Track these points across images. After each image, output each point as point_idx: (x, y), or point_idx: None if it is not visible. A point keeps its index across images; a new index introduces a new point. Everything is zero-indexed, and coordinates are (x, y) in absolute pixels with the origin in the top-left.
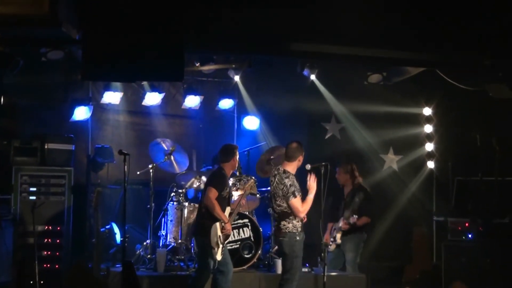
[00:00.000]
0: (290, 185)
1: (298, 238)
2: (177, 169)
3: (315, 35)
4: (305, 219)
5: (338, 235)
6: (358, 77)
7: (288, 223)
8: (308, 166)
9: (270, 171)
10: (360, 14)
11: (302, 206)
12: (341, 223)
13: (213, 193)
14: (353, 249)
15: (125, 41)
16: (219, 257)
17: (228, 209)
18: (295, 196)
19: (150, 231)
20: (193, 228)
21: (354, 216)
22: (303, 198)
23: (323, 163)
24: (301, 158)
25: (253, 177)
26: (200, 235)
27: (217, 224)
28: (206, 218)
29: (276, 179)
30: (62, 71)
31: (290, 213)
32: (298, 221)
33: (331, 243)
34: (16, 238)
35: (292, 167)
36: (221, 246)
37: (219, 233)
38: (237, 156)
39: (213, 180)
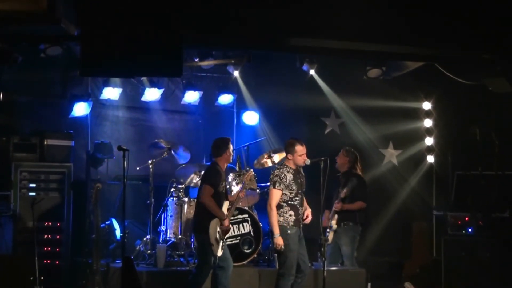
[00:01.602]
0: (276, 175)
1: (289, 232)
2: (179, 161)
3: (314, 30)
4: (308, 219)
5: (334, 221)
6: (357, 71)
7: (280, 216)
8: (308, 161)
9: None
10: (359, 9)
11: (273, 202)
12: (333, 208)
13: (208, 191)
14: (348, 242)
15: (123, 36)
16: (219, 253)
17: (226, 203)
18: (274, 187)
19: (150, 226)
20: (192, 225)
21: (344, 190)
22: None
23: (323, 158)
24: (290, 156)
25: (252, 169)
26: (199, 232)
27: (216, 220)
28: (204, 215)
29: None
30: (61, 67)
31: (283, 205)
32: (291, 215)
33: (328, 231)
34: (16, 235)
35: (289, 162)
36: (221, 242)
37: (218, 229)
38: (231, 149)
39: (207, 177)
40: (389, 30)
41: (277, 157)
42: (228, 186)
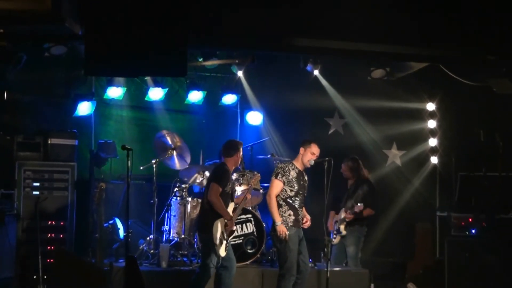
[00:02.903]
0: (280, 167)
1: (289, 232)
2: (178, 165)
3: (318, 31)
4: (306, 224)
5: (342, 226)
6: (361, 72)
7: (279, 216)
8: (312, 162)
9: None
10: (363, 10)
11: (273, 192)
12: (343, 214)
13: (216, 189)
14: (354, 243)
15: (128, 36)
16: (223, 253)
17: (232, 205)
18: (276, 177)
19: (153, 226)
20: (196, 224)
21: (359, 204)
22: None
23: (327, 159)
24: (302, 150)
25: (259, 173)
26: (203, 231)
27: (220, 220)
28: (208, 215)
29: None
30: (65, 67)
31: (282, 204)
32: (290, 215)
33: (335, 235)
34: (20, 233)
35: (297, 161)
36: (224, 242)
37: (222, 229)
38: (241, 153)
39: (216, 176)
40: (393, 31)
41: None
42: (231, 186)
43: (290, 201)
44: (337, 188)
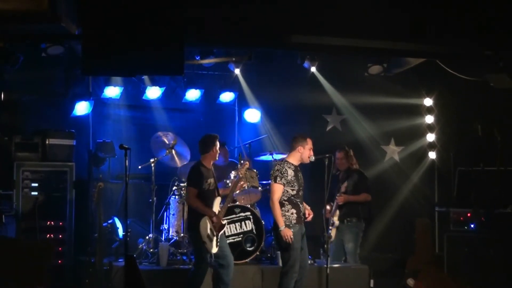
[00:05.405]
0: (277, 170)
1: (292, 230)
2: (178, 163)
3: (315, 27)
4: (310, 216)
5: (335, 218)
6: (358, 68)
7: (282, 215)
8: (313, 158)
9: None
10: (360, 5)
11: (275, 197)
12: (336, 201)
13: (191, 192)
14: (352, 239)
15: (125, 35)
16: (214, 250)
17: (218, 199)
18: (275, 181)
19: (153, 225)
20: (185, 224)
21: (344, 184)
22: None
23: (327, 155)
24: (301, 149)
25: (247, 162)
26: (190, 230)
27: (206, 217)
28: (194, 214)
29: None
30: (63, 66)
31: (284, 203)
32: (292, 213)
33: (330, 228)
34: (19, 234)
35: (293, 158)
36: (214, 238)
37: (209, 226)
38: (218, 146)
39: (189, 179)
40: (390, 27)
41: None
42: (230, 184)
43: (293, 200)
44: (332, 185)
